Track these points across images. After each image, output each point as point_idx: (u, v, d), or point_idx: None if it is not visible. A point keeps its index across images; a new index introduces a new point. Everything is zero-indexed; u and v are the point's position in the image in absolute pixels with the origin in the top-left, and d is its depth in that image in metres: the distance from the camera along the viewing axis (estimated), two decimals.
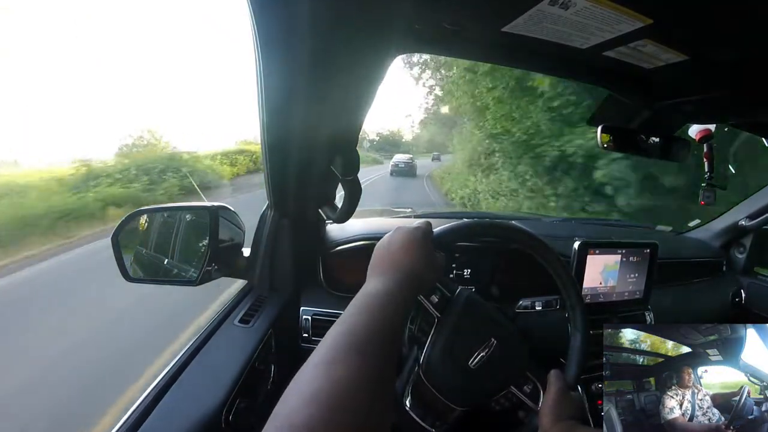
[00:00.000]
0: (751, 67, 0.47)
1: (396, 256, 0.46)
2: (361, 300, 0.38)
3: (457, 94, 8.78)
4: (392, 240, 0.48)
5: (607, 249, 0.84)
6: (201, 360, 0.59)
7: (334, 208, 0.75)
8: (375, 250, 0.48)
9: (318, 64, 0.44)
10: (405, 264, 0.45)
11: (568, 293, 0.61)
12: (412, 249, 0.46)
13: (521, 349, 0.60)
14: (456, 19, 0.43)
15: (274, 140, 0.59)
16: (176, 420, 0.47)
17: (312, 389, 0.28)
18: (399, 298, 0.40)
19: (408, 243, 0.47)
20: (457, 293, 0.60)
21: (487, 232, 0.63)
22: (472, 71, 7.10)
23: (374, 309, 0.37)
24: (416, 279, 0.44)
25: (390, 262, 0.45)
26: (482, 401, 0.59)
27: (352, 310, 0.36)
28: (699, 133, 0.90)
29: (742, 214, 1.13)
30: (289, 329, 0.79)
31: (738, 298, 1.14)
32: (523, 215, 1.53)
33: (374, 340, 0.33)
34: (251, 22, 0.39)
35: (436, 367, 0.57)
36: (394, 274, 0.43)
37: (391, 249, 0.47)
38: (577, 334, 0.62)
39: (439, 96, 18.84)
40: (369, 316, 0.36)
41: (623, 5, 0.36)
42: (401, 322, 0.39)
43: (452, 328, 0.57)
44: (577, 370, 0.60)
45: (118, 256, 0.73)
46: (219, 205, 0.77)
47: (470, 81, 7.56)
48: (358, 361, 0.31)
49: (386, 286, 0.40)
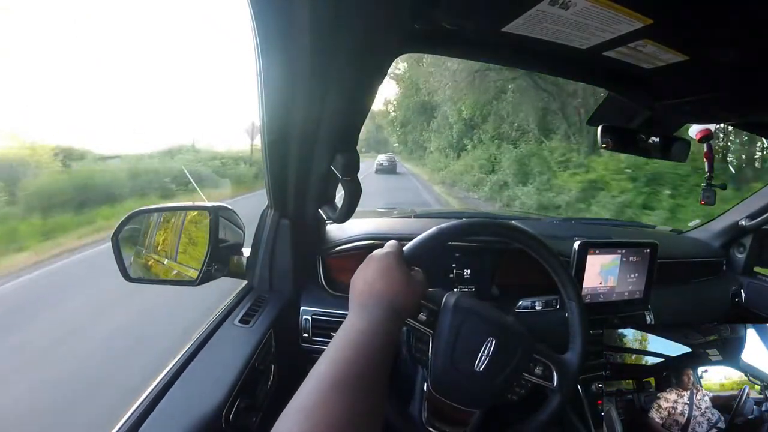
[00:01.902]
0: (750, 67, 0.47)
1: (374, 288, 0.45)
2: (342, 338, 0.38)
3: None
4: (367, 271, 0.48)
5: (607, 249, 0.84)
6: (201, 360, 0.59)
7: (334, 208, 0.75)
8: (352, 282, 0.48)
9: (318, 64, 0.44)
10: (384, 295, 0.44)
11: (550, 265, 0.63)
12: (388, 277, 0.46)
13: (521, 338, 0.60)
14: (456, 19, 0.43)
15: (274, 140, 0.59)
16: (177, 419, 0.47)
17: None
18: (381, 334, 0.39)
19: (382, 271, 0.47)
20: (443, 303, 0.60)
21: (457, 233, 0.61)
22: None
23: (357, 347, 0.37)
24: (398, 308, 0.44)
25: (368, 295, 0.45)
26: (498, 398, 0.59)
27: (333, 349, 0.36)
28: (699, 133, 0.90)
29: (742, 214, 1.13)
30: (289, 329, 0.79)
31: (738, 298, 1.14)
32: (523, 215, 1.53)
33: (357, 379, 0.33)
34: (251, 22, 0.39)
35: (444, 380, 0.58)
36: (374, 309, 0.43)
37: (367, 280, 0.46)
38: (572, 303, 0.63)
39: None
40: (353, 353, 0.36)
41: (623, 5, 0.36)
42: (385, 357, 0.38)
43: (448, 339, 0.57)
44: (581, 342, 0.62)
45: (118, 255, 0.73)
46: (219, 205, 0.77)
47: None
48: (341, 402, 0.31)
49: (368, 321, 0.40)
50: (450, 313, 0.58)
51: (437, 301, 0.60)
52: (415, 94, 20.93)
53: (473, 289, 0.91)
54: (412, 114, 23.94)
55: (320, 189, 0.72)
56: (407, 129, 26.41)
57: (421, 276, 0.51)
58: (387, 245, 0.52)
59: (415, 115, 23.81)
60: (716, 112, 0.70)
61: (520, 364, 0.58)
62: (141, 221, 0.80)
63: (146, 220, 0.82)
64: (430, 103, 18.97)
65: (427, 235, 0.58)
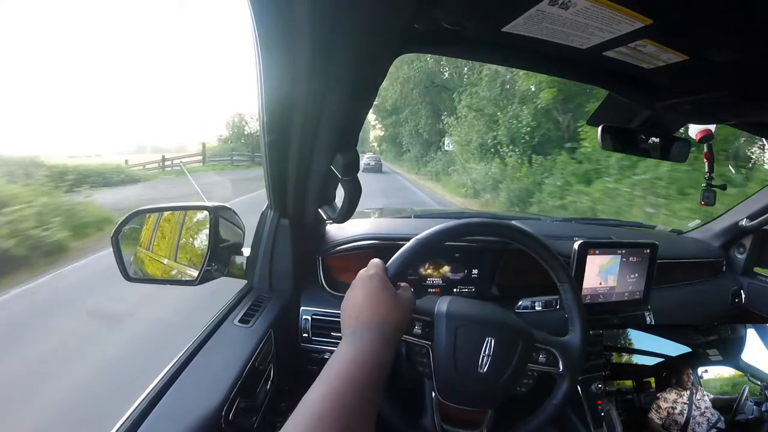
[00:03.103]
0: (751, 67, 0.47)
1: (362, 313, 0.46)
2: (332, 368, 0.39)
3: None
4: (355, 296, 0.49)
5: (607, 249, 0.84)
6: (201, 360, 0.59)
7: (334, 208, 0.75)
8: (342, 308, 0.49)
9: (318, 64, 0.44)
10: (372, 319, 0.45)
11: (535, 250, 0.64)
12: (375, 300, 0.47)
13: (520, 330, 0.60)
14: (456, 19, 0.43)
15: (274, 140, 0.59)
16: (176, 419, 0.47)
17: None
18: (371, 361, 0.40)
19: (369, 295, 0.47)
20: (435, 313, 0.59)
21: (437, 240, 0.60)
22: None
23: (346, 378, 0.37)
24: (388, 331, 0.44)
25: (357, 321, 0.45)
26: (508, 393, 0.59)
27: (323, 379, 0.37)
28: (699, 133, 0.90)
29: (742, 214, 1.13)
30: (288, 329, 0.79)
31: (738, 299, 1.14)
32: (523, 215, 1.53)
33: (343, 408, 0.34)
34: (251, 22, 0.39)
35: (450, 387, 0.58)
36: (364, 334, 0.43)
37: (356, 305, 0.47)
38: (564, 285, 0.63)
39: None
40: (341, 383, 0.36)
41: (623, 5, 0.36)
42: (375, 384, 0.39)
43: (447, 348, 0.57)
44: (580, 321, 0.62)
45: (118, 255, 0.74)
46: (219, 205, 0.77)
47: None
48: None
49: (358, 349, 0.41)
50: (443, 321, 0.58)
51: (429, 312, 0.60)
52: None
53: (473, 290, 0.91)
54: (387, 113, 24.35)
55: (320, 189, 0.72)
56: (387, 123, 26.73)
57: (408, 293, 0.51)
58: (370, 265, 0.53)
59: (385, 114, 24.55)
60: (716, 112, 0.70)
61: (523, 356, 0.58)
62: (141, 221, 0.80)
63: (146, 219, 0.82)
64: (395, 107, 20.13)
65: (406, 249, 0.57)
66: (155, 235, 0.82)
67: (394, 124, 24.09)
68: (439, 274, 0.90)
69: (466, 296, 0.91)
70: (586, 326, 0.63)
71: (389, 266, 0.55)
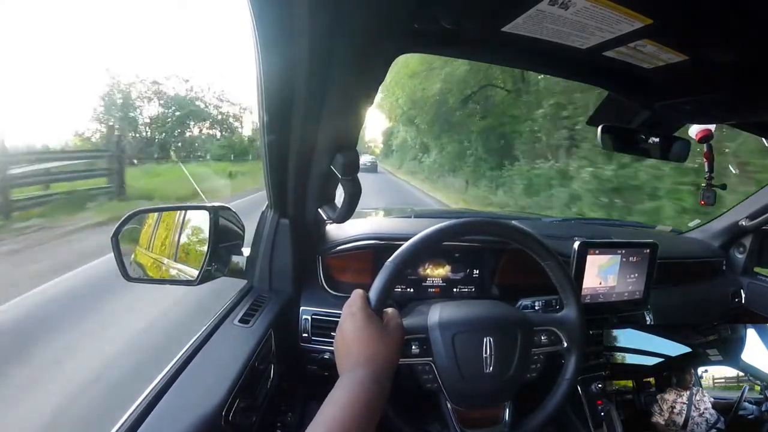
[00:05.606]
0: (751, 67, 0.47)
1: (352, 351, 0.47)
2: (326, 413, 0.39)
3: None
4: (342, 335, 0.49)
5: (607, 249, 0.84)
6: (201, 360, 0.59)
7: (334, 208, 0.75)
8: (335, 345, 0.50)
9: (318, 65, 0.44)
10: (362, 356, 0.46)
11: (506, 232, 0.63)
12: (361, 337, 0.47)
13: (515, 320, 0.60)
14: (456, 19, 0.43)
15: (274, 140, 0.59)
16: (176, 419, 0.47)
17: None
18: (364, 399, 0.40)
19: (354, 331, 0.48)
20: (428, 328, 0.59)
21: (410, 256, 0.57)
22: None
23: (340, 423, 0.38)
24: (379, 365, 0.45)
25: (348, 360, 0.46)
26: (519, 384, 0.59)
27: (317, 423, 0.38)
28: (699, 133, 0.90)
29: (742, 214, 1.13)
30: (288, 329, 0.79)
31: (738, 298, 1.14)
32: (523, 215, 1.53)
33: None
34: (251, 22, 0.39)
35: (462, 394, 0.58)
36: (356, 372, 0.44)
37: (346, 343, 0.48)
38: (549, 261, 0.63)
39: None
40: (338, 426, 0.37)
41: (623, 5, 0.36)
42: (367, 424, 0.39)
43: (448, 359, 0.57)
44: (572, 292, 0.62)
45: (118, 255, 0.73)
46: (219, 205, 0.77)
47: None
48: None
49: (350, 390, 0.42)
50: (438, 334, 0.58)
51: (422, 328, 0.59)
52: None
53: (473, 290, 0.91)
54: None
55: (320, 189, 0.72)
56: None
57: (395, 320, 0.51)
58: (351, 299, 0.52)
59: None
60: (716, 112, 0.70)
61: (525, 344, 0.58)
62: (141, 221, 0.80)
63: (146, 219, 0.82)
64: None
65: (383, 276, 0.55)
66: (155, 235, 0.82)
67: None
68: (439, 274, 0.90)
69: (466, 296, 0.91)
70: (579, 297, 0.63)
71: (370, 297, 0.53)
